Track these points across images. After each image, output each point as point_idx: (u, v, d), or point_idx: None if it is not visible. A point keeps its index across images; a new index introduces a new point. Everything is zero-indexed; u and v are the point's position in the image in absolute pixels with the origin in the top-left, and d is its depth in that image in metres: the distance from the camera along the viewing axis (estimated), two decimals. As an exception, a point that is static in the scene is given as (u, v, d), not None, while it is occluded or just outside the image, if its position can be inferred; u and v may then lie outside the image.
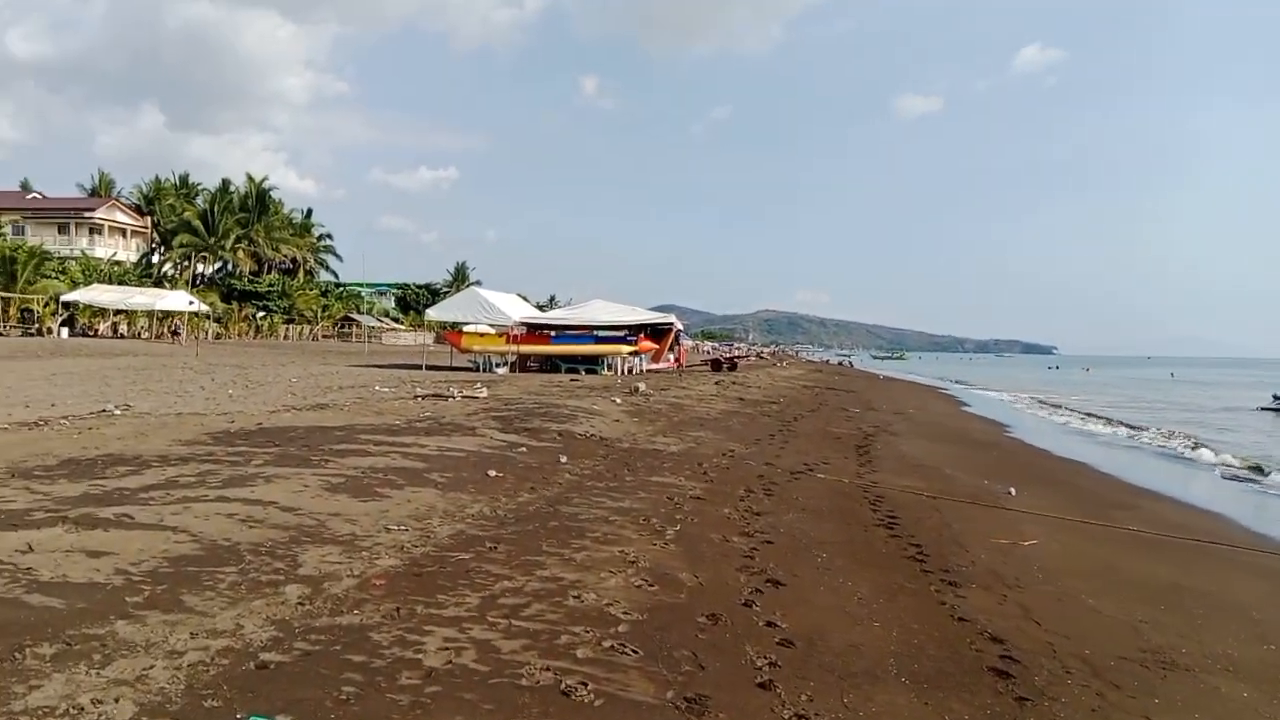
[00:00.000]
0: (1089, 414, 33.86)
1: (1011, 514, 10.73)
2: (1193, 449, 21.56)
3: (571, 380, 28.34)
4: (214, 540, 5.74)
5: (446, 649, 4.44)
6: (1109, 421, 29.95)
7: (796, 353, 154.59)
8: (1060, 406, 37.25)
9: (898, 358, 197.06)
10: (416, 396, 18.44)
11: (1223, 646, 5.67)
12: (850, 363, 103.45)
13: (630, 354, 34.95)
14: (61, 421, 12.02)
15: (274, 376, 25.67)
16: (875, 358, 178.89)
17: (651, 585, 5.74)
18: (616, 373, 34.02)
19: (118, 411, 13.84)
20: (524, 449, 11.44)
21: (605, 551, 6.48)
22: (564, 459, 10.79)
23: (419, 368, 34.43)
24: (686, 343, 43.06)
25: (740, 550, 7.04)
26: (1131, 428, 27.45)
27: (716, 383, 30.25)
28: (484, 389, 19.94)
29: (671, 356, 38.39)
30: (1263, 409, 39.52)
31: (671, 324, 36.62)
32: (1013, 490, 12.58)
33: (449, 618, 4.87)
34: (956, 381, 61.34)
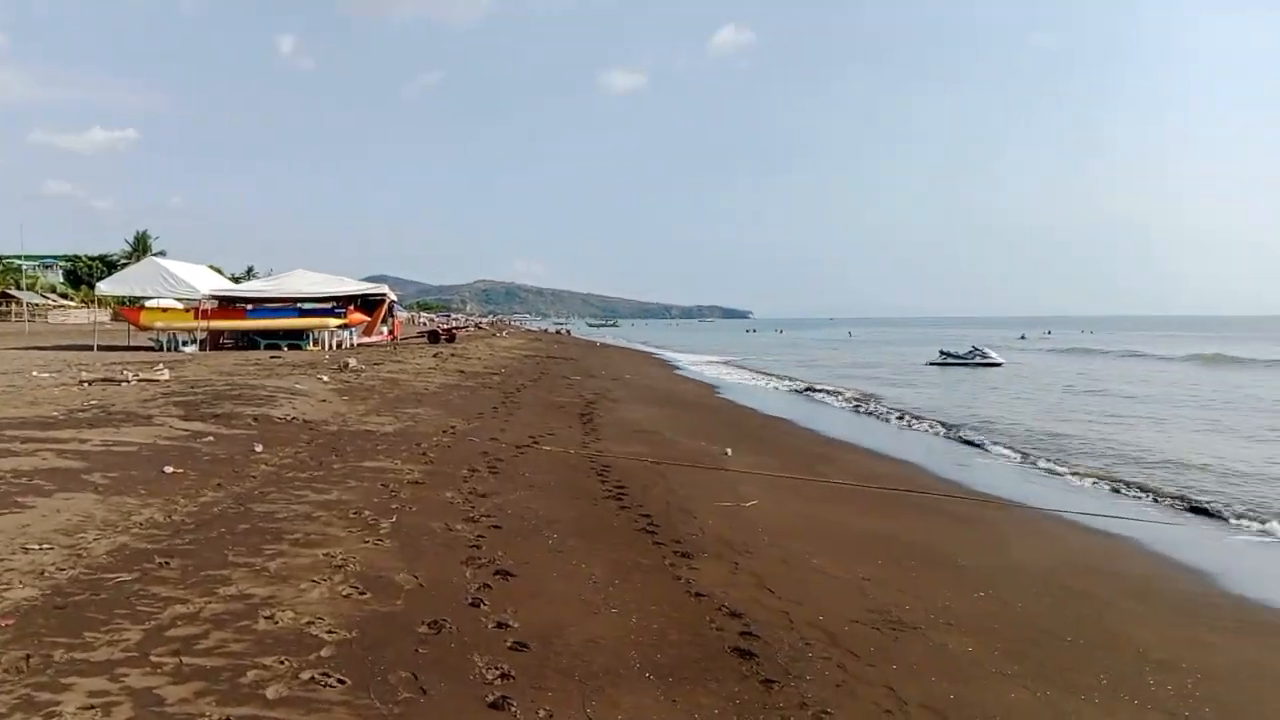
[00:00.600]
0: (782, 375, 36.33)
1: (730, 475, 10.89)
2: (869, 402, 23.58)
3: (272, 357, 26.03)
4: None
5: (91, 707, 3.46)
6: (797, 381, 32.25)
7: (515, 323, 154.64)
8: (762, 372, 39.63)
9: (611, 325, 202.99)
10: (82, 382, 15.94)
11: (940, 599, 5.84)
12: (568, 331, 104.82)
13: (339, 327, 32.80)
14: None
15: (-108, 365, 21.35)
16: (590, 325, 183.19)
17: (362, 593, 4.96)
18: (324, 348, 31.80)
19: None
20: (210, 438, 10.03)
21: (307, 556, 5.60)
22: (259, 448, 9.56)
23: (90, 349, 30.25)
24: (401, 314, 41.18)
25: (465, 539, 6.40)
26: (823, 389, 29.65)
27: (435, 355, 29.10)
28: (166, 370, 17.66)
29: (385, 329, 36.52)
30: (930, 364, 44.45)
31: (384, 295, 34.72)
32: (729, 450, 12.87)
33: (99, 663, 3.85)
34: (666, 347, 63.83)
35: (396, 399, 15.94)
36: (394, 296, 36.30)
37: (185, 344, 30.69)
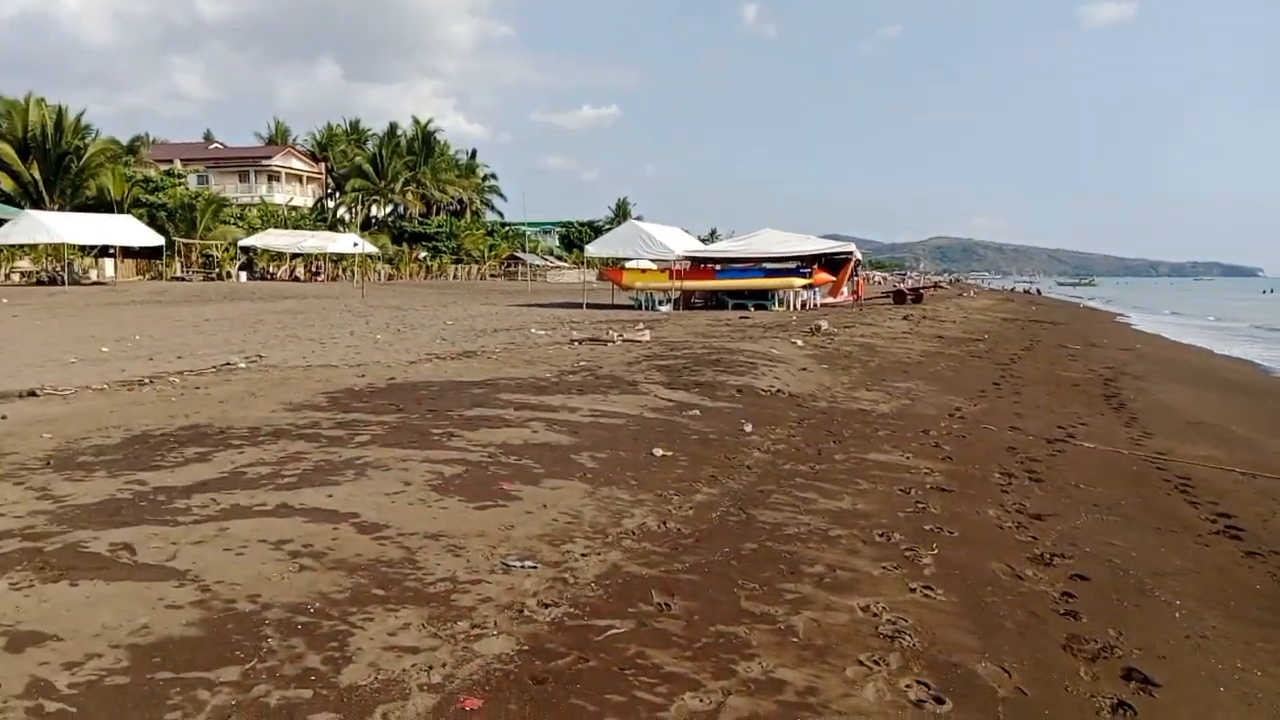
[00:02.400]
0: None
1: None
2: None
3: (741, 318, 25.81)
4: (229, 603, 3.67)
5: None
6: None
7: (974, 281, 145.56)
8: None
9: (1087, 283, 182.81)
10: (573, 341, 16.45)
11: None
12: (1038, 290, 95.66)
13: (804, 287, 31.98)
14: (172, 379, 10.59)
15: (430, 319, 24.43)
16: (1061, 284, 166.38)
17: (939, 701, 3.28)
18: (789, 308, 31.19)
19: (242, 364, 12.43)
20: (696, 411, 9.10)
21: (840, 609, 4.07)
22: (748, 426, 8.38)
23: (579, 306, 32.75)
24: (868, 274, 39.41)
25: (1048, 598, 4.47)
26: None
27: (905, 318, 26.99)
28: (646, 331, 17.75)
29: (848, 290, 35.09)
30: None
31: (850, 253, 33.22)
32: (1348, 461, 9.30)
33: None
34: (1170, 312, 54.62)
35: (879, 369, 14.23)
36: (859, 255, 34.61)
37: (661, 303, 31.88)
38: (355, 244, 48.16)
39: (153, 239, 44.49)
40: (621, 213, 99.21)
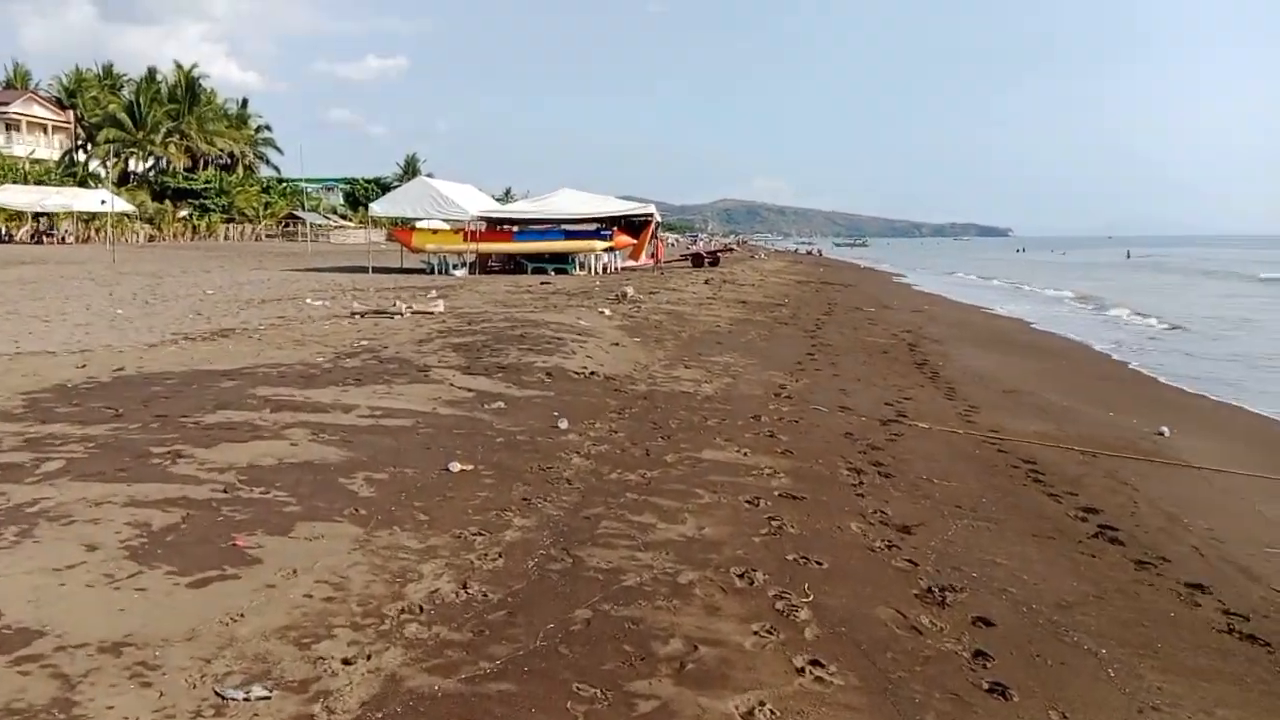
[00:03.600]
0: (1135, 311, 30.32)
1: (1222, 477, 7.39)
2: None
3: (542, 284, 24.45)
4: None
5: None
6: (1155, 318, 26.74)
7: (757, 243, 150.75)
8: (1092, 299, 33.73)
9: (861, 244, 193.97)
10: (354, 314, 14.58)
11: None
12: (819, 251, 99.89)
13: (605, 250, 30.97)
14: None
15: (188, 288, 21.51)
16: (838, 245, 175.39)
17: None
18: (591, 273, 30.10)
19: (-82, 356, 9.89)
20: (501, 404, 7.75)
21: (712, 716, 2.92)
22: (563, 422, 7.14)
23: (365, 271, 30.28)
24: (664, 237, 38.89)
25: (960, 661, 3.52)
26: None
27: (706, 282, 26.54)
28: (440, 301, 16.10)
29: (648, 253, 34.44)
30: None
31: (651, 215, 32.47)
32: (1165, 430, 9.26)
33: None
34: (940, 272, 58.01)
35: (692, 340, 13.36)
36: (659, 218, 33.98)
37: (455, 267, 29.97)
38: (104, 201, 42.68)
39: None
40: (411, 169, 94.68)
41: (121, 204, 48.24)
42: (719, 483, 5.83)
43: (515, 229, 31.97)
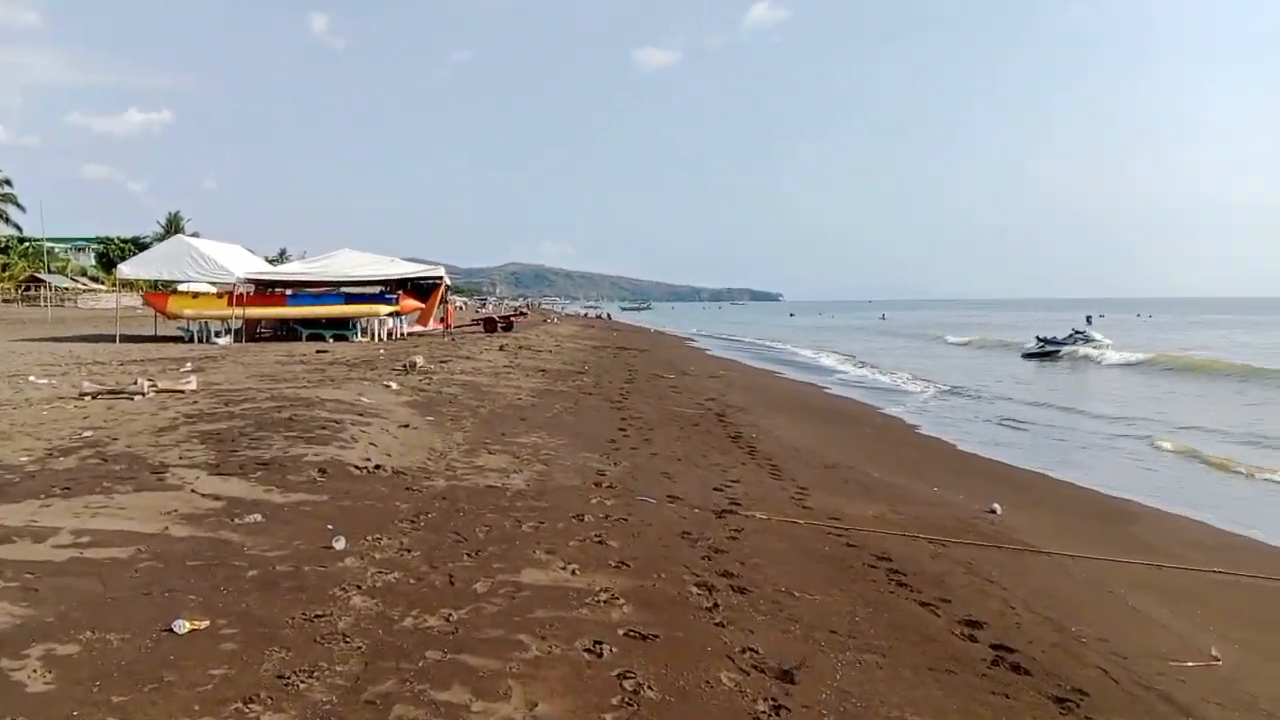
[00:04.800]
0: (913, 375, 31.78)
1: (1077, 564, 6.90)
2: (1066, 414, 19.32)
3: (319, 353, 22.25)
4: None
5: None
6: (899, 376, 27.98)
7: (547, 306, 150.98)
8: (868, 364, 35.25)
9: (646, 308, 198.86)
10: (84, 395, 12.18)
11: None
12: (607, 315, 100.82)
13: (390, 315, 29.00)
14: None
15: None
16: (625, 309, 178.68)
17: None
18: (374, 339, 28.02)
19: None
20: (258, 516, 6.12)
21: None
22: (340, 541, 5.63)
23: (111, 339, 26.77)
24: (454, 301, 36.97)
25: None
26: (941, 384, 25.42)
27: (501, 348, 25.20)
28: (192, 377, 13.88)
29: (437, 317, 32.68)
30: (1028, 355, 39.25)
31: (440, 278, 30.79)
32: (997, 507, 8.89)
33: None
34: (724, 337, 59.49)
35: (493, 417, 12.02)
36: (449, 281, 32.37)
37: (218, 334, 27.04)
38: None
39: None
40: (174, 228, 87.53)
41: None
42: (548, 621, 4.56)
43: (289, 292, 29.44)
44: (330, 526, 6.00)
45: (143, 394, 12.10)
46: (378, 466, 7.83)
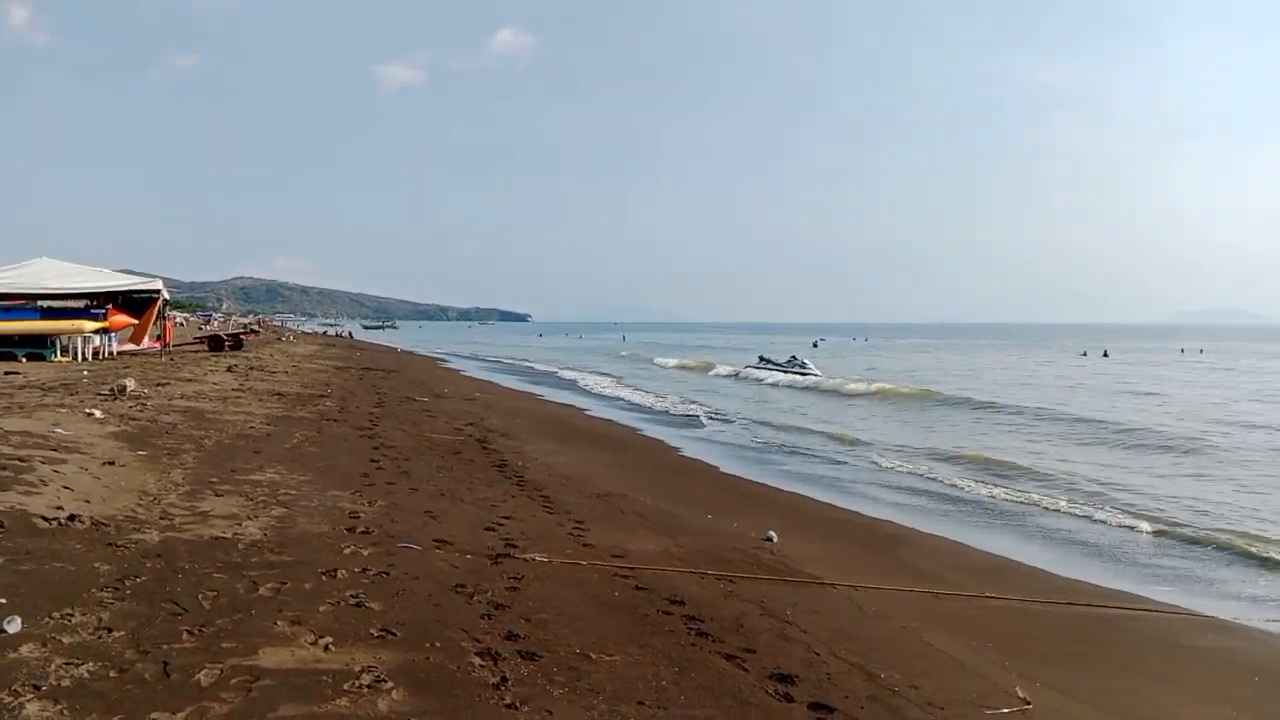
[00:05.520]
0: (634, 387, 32.57)
1: (866, 598, 6.77)
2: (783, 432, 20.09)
3: (7, 374, 19.03)
4: None
5: None
6: (646, 395, 28.69)
7: (278, 323, 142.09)
8: (625, 383, 35.54)
9: (391, 327, 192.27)
10: None
11: None
12: (349, 334, 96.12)
13: (96, 332, 25.53)
14: None
15: None
16: (367, 327, 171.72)
17: None
18: (77, 359, 24.53)
19: None
20: (-107, 594, 4.66)
21: None
22: (13, 624, 4.34)
23: None
24: (173, 316, 33.05)
25: None
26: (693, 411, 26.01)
27: (230, 369, 22.80)
28: None
29: (153, 334, 29.23)
30: (753, 367, 42.00)
31: (158, 292, 27.46)
32: (773, 534, 8.78)
33: None
34: (477, 357, 58.27)
35: (221, 450, 10.52)
36: (167, 294, 29.09)
37: None
38: None
39: None
40: None
41: None
42: (297, 720, 3.63)
43: (-30, 305, 25.23)
44: (2, 600, 4.67)
45: None
46: (72, 517, 6.37)
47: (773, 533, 8.75)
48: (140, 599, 4.95)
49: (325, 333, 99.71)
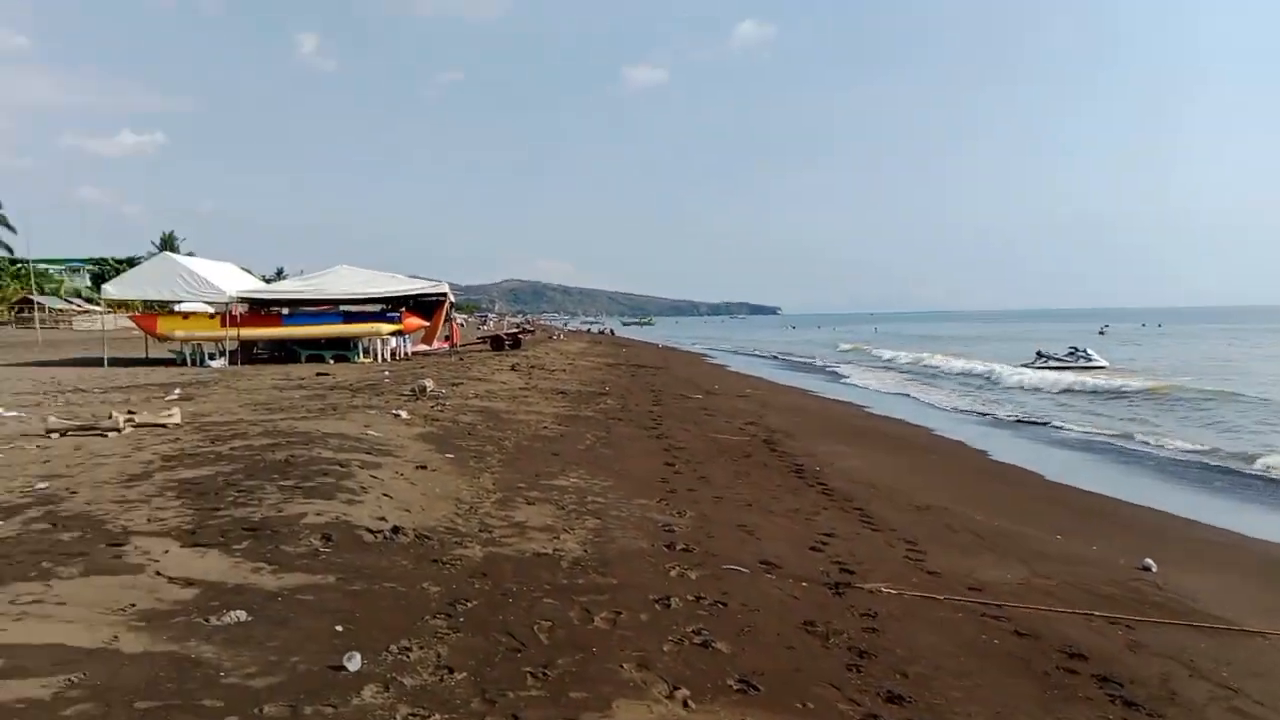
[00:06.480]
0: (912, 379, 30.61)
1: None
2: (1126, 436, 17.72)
3: (318, 376, 20.64)
4: None
5: None
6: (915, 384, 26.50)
7: (545, 321, 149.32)
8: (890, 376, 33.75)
9: (647, 323, 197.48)
10: (50, 433, 10.56)
11: None
12: (611, 331, 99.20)
13: (392, 334, 27.40)
14: None
15: None
16: (626, 324, 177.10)
17: None
18: (377, 359, 26.43)
19: None
20: (241, 614, 4.50)
21: None
22: (353, 658, 4.00)
23: (100, 363, 25.13)
24: (458, 319, 35.04)
25: None
26: (998, 410, 23.84)
27: (513, 368, 23.58)
28: (176, 408, 12.25)
29: (442, 336, 31.05)
30: (1029, 366, 37.83)
31: (445, 294, 29.18)
32: (1151, 563, 7.28)
33: None
34: (736, 351, 57.85)
35: (521, 452, 10.40)
36: (453, 297, 30.73)
37: (212, 357, 25.45)
38: None
39: None
40: (168, 248, 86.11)
41: None
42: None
43: (285, 311, 27.85)
44: (340, 629, 4.39)
45: (117, 430, 10.48)
46: (396, 529, 6.19)
47: (1149, 560, 7.28)
48: (474, 629, 4.53)
49: (589, 330, 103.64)
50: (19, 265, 75.64)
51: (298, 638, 4.25)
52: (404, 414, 12.37)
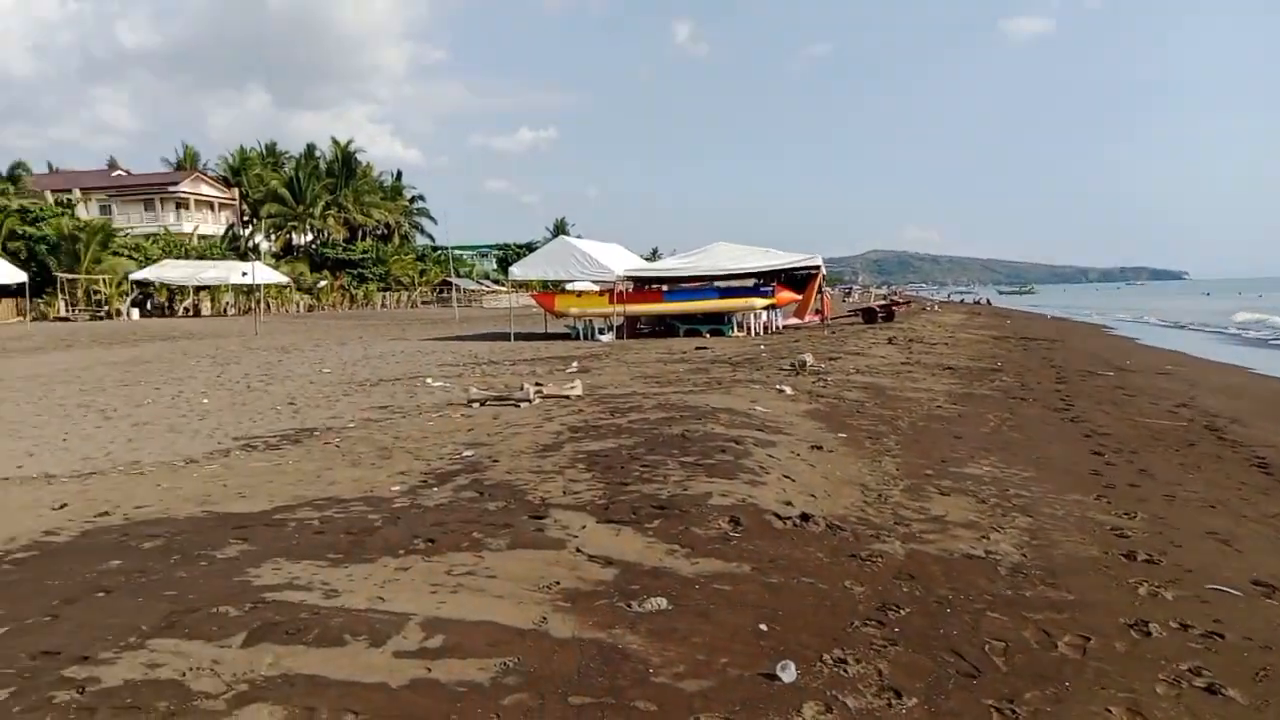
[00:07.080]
0: None
1: None
2: None
3: (697, 349, 21.14)
4: None
5: None
6: None
7: (916, 292, 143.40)
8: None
9: (1027, 292, 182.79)
10: (472, 403, 11.59)
11: None
12: (987, 301, 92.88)
13: (765, 308, 27.47)
14: None
15: (308, 364, 19.39)
16: (1002, 293, 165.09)
17: None
18: (750, 333, 26.65)
19: None
20: (661, 601, 4.30)
21: None
22: (788, 671, 3.59)
23: (507, 338, 27.90)
24: (827, 291, 34.33)
25: None
26: None
27: (890, 341, 22.56)
28: (577, 381, 12.94)
29: (814, 309, 30.63)
30: None
31: (818, 267, 28.70)
32: None
33: None
34: (1143, 321, 51.26)
35: (918, 433, 9.61)
36: (825, 269, 30.14)
37: (601, 331, 27.16)
38: (244, 274, 42.50)
39: (11, 275, 38.53)
40: (560, 233, 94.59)
41: (267, 275, 48.44)
42: None
43: (665, 288, 28.99)
44: (764, 627, 4.03)
45: (529, 400, 11.23)
46: (805, 516, 5.77)
47: None
48: (914, 643, 3.95)
49: (963, 300, 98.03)
50: (440, 251, 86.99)
51: (722, 635, 3.95)
52: (787, 389, 12.06)
